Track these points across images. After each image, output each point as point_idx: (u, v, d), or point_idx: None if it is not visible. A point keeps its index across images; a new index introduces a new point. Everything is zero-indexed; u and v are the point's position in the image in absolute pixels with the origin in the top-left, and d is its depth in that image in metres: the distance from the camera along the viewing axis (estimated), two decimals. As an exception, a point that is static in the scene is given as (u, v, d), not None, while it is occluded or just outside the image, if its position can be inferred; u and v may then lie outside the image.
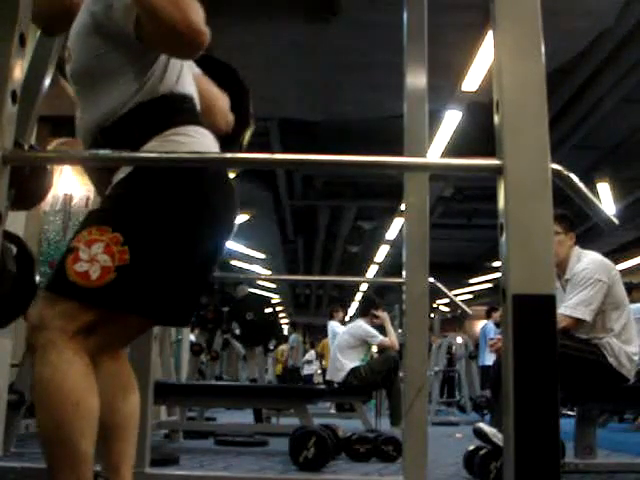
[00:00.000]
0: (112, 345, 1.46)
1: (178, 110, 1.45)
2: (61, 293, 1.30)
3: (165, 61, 1.45)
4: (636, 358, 3.03)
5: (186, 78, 1.52)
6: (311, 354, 13.76)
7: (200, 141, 1.43)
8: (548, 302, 0.95)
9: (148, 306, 1.37)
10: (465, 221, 10.75)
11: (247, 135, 1.81)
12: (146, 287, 1.34)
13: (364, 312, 5.85)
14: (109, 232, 1.30)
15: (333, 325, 6.80)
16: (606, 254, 3.47)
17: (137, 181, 1.37)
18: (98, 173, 1.49)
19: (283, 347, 11.93)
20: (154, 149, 1.37)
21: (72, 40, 1.49)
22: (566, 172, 1.10)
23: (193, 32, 1.27)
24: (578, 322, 2.98)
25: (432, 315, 8.98)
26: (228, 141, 1.65)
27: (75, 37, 1.48)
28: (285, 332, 12.59)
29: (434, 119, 6.14)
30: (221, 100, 1.68)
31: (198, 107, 1.54)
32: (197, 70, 1.64)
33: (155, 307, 1.38)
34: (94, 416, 1.27)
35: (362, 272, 14.25)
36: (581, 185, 1.12)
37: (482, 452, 2.90)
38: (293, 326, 13.67)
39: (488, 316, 8.78)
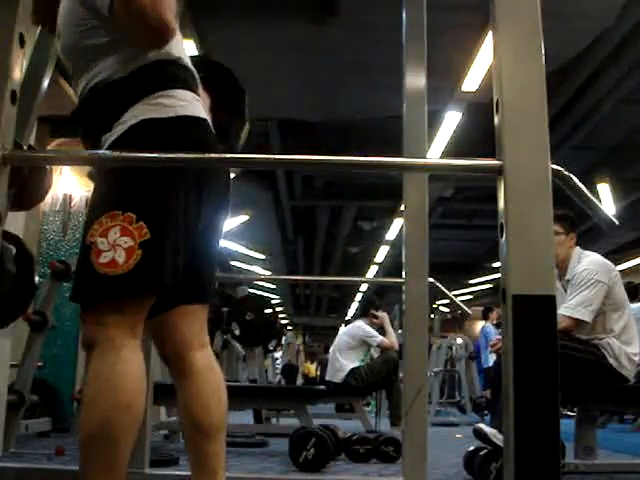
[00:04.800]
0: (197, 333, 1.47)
1: (169, 74, 1.43)
2: (96, 293, 1.27)
3: None
4: (636, 359, 3.03)
5: (182, 50, 1.49)
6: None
7: (187, 106, 1.41)
8: (548, 303, 0.94)
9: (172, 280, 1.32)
10: (465, 221, 10.73)
11: (244, 134, 1.81)
12: (168, 260, 1.30)
13: (363, 312, 5.85)
14: (119, 215, 1.27)
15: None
16: (606, 254, 3.47)
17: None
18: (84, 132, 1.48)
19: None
20: (138, 111, 1.36)
21: (60, 17, 1.49)
22: (566, 172, 1.09)
23: (160, 25, 1.26)
24: (578, 323, 2.98)
25: (432, 316, 8.98)
26: (224, 139, 1.66)
27: (62, 13, 1.48)
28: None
29: (434, 119, 6.13)
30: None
31: (194, 75, 1.51)
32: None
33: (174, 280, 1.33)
34: (139, 421, 1.26)
35: (362, 272, 14.23)
36: (581, 186, 1.12)
37: (482, 453, 2.90)
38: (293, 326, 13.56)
39: (485, 317, 8.67)
